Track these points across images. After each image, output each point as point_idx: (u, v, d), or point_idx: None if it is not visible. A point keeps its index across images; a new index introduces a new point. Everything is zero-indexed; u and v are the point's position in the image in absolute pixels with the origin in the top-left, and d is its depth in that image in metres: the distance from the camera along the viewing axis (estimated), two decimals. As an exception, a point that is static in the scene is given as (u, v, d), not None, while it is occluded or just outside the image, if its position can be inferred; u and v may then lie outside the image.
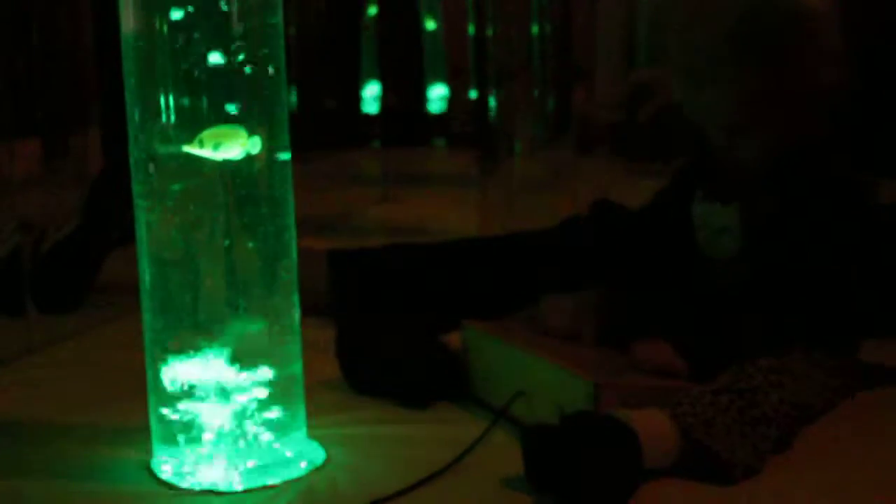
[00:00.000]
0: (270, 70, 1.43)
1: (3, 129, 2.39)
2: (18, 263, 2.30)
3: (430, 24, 5.51)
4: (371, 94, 5.38)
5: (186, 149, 1.39)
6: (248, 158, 1.42)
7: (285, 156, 1.46)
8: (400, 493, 1.44)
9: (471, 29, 5.23)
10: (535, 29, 3.66)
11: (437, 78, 5.54)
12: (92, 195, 2.45)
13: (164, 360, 1.45)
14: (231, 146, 1.40)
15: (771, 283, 1.65)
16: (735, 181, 1.78)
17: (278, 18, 1.44)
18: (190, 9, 1.38)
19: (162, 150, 1.41)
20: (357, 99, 5.43)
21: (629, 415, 1.44)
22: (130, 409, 1.63)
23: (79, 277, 2.42)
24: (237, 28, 1.40)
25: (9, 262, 2.31)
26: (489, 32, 3.70)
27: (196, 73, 1.39)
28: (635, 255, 1.88)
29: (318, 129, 4.78)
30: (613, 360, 1.68)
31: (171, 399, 1.46)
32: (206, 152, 1.40)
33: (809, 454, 1.53)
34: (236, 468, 1.46)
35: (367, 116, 5.35)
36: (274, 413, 1.48)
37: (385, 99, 5.34)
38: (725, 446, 1.44)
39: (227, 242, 1.42)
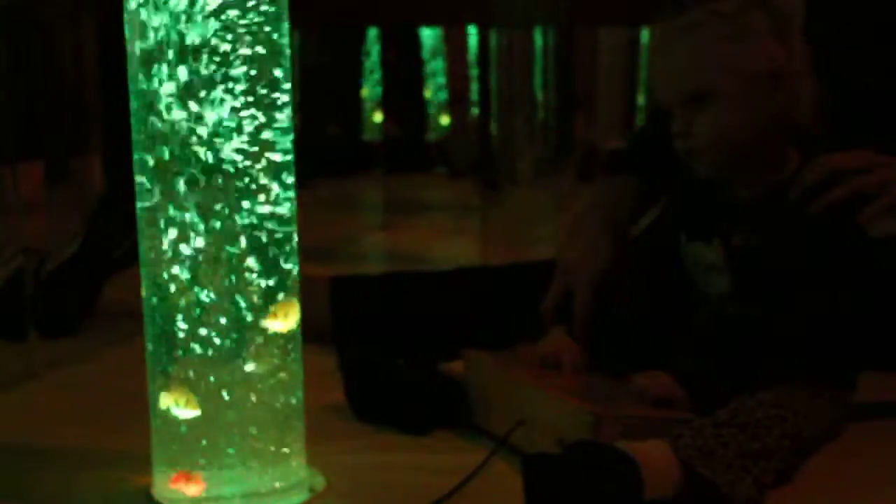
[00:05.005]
0: (279, 99, 1.44)
1: (5, 152, 2.40)
2: (20, 287, 2.31)
3: (432, 54, 5.53)
4: (372, 121, 5.40)
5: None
6: (255, 188, 1.42)
7: (291, 183, 1.46)
8: (400, 522, 1.44)
9: (473, 57, 5.26)
10: (538, 57, 3.67)
11: (439, 106, 5.55)
12: (93, 218, 2.46)
13: (165, 387, 1.45)
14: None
15: (764, 317, 1.65)
16: (713, 216, 1.79)
17: (286, 45, 1.45)
18: (195, 35, 1.39)
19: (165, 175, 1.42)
20: (359, 126, 5.45)
21: (630, 445, 1.44)
22: (131, 434, 1.62)
23: (79, 301, 2.42)
24: (245, 54, 1.40)
25: (10, 286, 2.31)
26: (492, 60, 3.72)
27: (201, 98, 1.40)
28: (634, 287, 1.89)
29: (320, 156, 4.79)
30: (613, 390, 1.68)
31: (171, 425, 1.46)
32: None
33: (810, 487, 1.53)
34: (235, 495, 1.46)
35: (369, 144, 5.37)
36: (274, 439, 1.48)
37: (386, 126, 5.37)
38: (726, 479, 1.44)
39: (229, 270, 1.42)
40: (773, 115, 1.72)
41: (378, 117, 5.40)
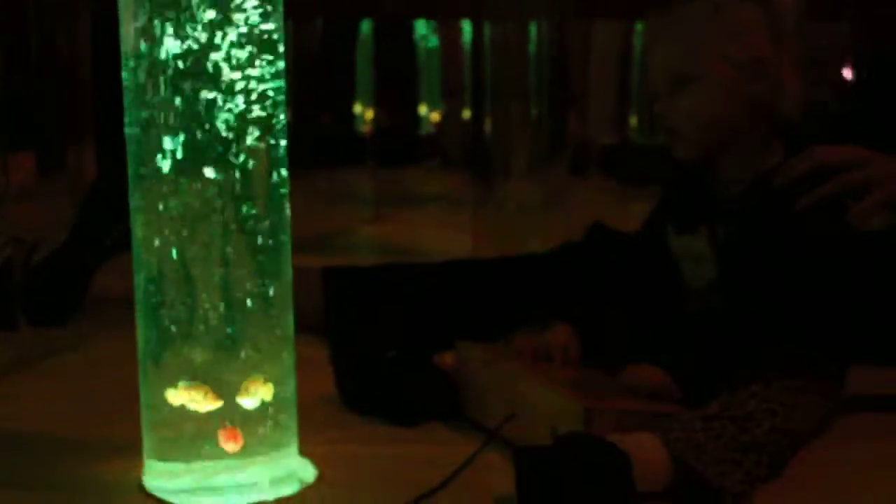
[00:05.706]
0: (271, 89, 1.43)
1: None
2: (10, 276, 2.30)
3: (427, 45, 5.52)
4: (365, 113, 5.39)
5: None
6: (247, 178, 1.42)
7: (283, 175, 1.46)
8: (391, 513, 1.44)
9: (467, 50, 5.25)
10: (531, 51, 3.67)
11: (433, 98, 5.55)
12: (83, 206, 2.45)
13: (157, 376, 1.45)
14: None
15: (749, 310, 1.66)
16: (699, 207, 1.80)
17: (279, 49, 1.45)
18: (189, 27, 1.38)
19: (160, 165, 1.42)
20: (351, 117, 5.44)
21: (621, 438, 1.44)
22: (122, 423, 1.62)
23: (69, 289, 2.41)
24: (237, 45, 1.40)
25: (0, 275, 2.31)
26: (486, 54, 3.71)
27: (194, 87, 1.39)
28: (626, 281, 1.90)
29: (313, 147, 4.79)
30: (605, 383, 1.69)
31: (163, 414, 1.46)
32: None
33: (799, 480, 1.53)
34: (226, 485, 1.46)
35: (362, 135, 5.37)
36: (266, 430, 1.47)
37: (379, 118, 5.36)
38: (716, 472, 1.44)
39: (222, 260, 1.42)
40: (754, 101, 1.77)
41: (371, 110, 5.39)
